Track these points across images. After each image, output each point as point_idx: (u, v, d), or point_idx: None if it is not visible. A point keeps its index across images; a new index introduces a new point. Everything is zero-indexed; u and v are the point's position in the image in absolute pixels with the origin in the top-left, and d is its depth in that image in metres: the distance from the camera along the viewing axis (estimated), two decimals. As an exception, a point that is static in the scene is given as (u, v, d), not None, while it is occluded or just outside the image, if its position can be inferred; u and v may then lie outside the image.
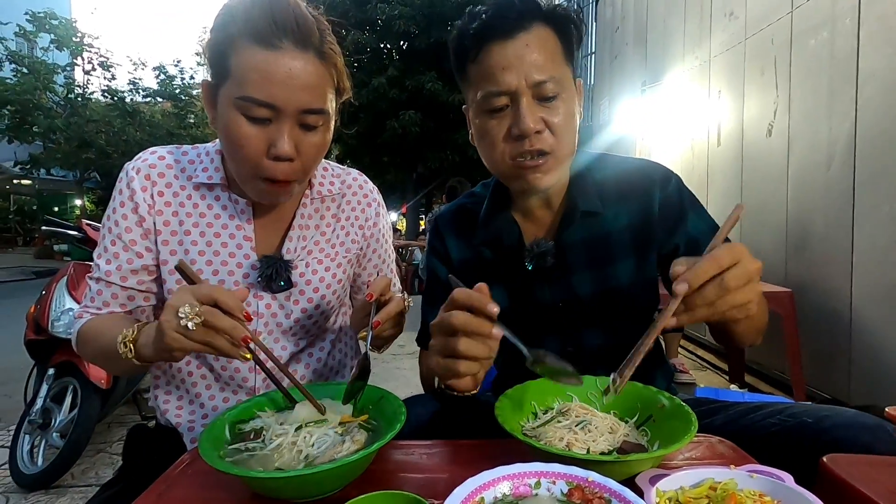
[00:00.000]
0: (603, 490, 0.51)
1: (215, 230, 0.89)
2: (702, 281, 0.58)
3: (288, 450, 0.61)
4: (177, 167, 0.90)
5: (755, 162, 3.19)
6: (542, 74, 0.80)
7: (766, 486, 0.54)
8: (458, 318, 0.65)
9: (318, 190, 0.96)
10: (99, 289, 0.88)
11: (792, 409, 0.77)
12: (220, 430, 0.65)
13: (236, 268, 0.89)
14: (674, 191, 0.92)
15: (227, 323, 0.63)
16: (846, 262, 2.39)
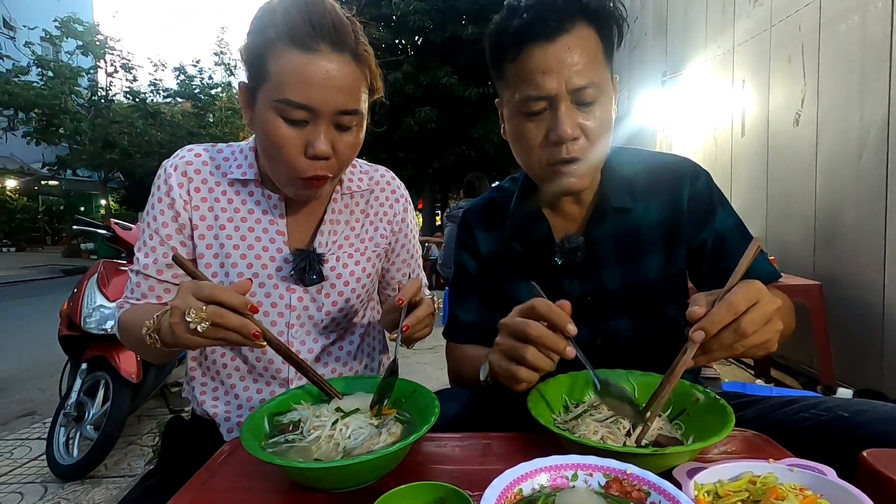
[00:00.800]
0: (642, 482, 0.51)
1: (249, 225, 0.92)
2: (718, 328, 0.59)
3: (326, 441, 0.62)
4: (212, 164, 0.92)
5: (782, 152, 3.12)
6: (583, 80, 0.78)
7: (808, 480, 0.54)
8: (535, 329, 0.66)
9: (348, 186, 0.98)
10: (138, 281, 0.92)
11: (826, 402, 0.76)
12: (259, 422, 0.66)
13: (269, 261, 0.91)
14: (703, 186, 0.92)
15: (235, 321, 0.64)
16: (878, 253, 2.32)
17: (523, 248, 0.97)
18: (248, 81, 0.82)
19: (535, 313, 0.67)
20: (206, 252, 0.91)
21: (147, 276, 0.91)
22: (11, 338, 5.33)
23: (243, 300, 0.65)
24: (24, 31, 13.97)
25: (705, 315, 0.60)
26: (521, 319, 0.67)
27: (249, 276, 0.90)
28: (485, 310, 1.01)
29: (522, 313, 0.68)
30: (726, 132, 3.84)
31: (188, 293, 0.64)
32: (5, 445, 2.74)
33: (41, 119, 13.36)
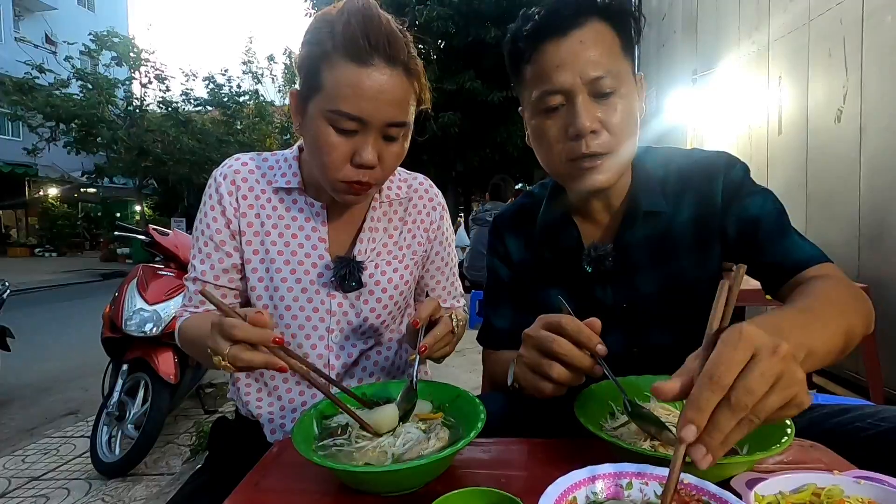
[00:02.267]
0: (701, 493, 0.50)
1: (292, 231, 0.94)
2: (707, 413, 0.43)
3: (376, 446, 0.62)
4: (258, 172, 0.95)
5: (822, 150, 3.01)
6: (598, 70, 0.77)
7: (878, 493, 0.51)
8: (562, 346, 0.65)
9: (387, 194, 1.00)
10: (196, 288, 0.94)
11: (883, 412, 0.73)
12: (309, 425, 0.67)
13: (311, 267, 0.93)
14: (737, 176, 0.86)
15: (259, 359, 0.64)
16: (930, 254, 2.21)
17: (553, 255, 0.95)
18: (301, 89, 0.85)
19: (563, 332, 0.65)
20: (252, 257, 0.93)
21: (204, 283, 0.93)
22: (56, 339, 5.56)
23: (263, 334, 0.64)
24: (65, 45, 14.63)
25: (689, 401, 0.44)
26: (547, 334, 0.66)
27: (293, 281, 0.93)
28: (519, 316, 0.99)
29: (549, 327, 0.66)
30: (762, 130, 3.73)
31: (216, 335, 0.65)
32: (52, 443, 2.86)
33: (80, 129, 13.94)
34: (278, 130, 18.62)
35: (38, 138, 13.90)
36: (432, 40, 12.69)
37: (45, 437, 2.95)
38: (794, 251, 0.80)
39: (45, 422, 3.25)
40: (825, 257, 0.81)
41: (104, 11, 21.26)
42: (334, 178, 0.83)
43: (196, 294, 0.94)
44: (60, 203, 18.99)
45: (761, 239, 0.82)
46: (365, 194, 0.87)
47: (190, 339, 0.90)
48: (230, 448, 0.97)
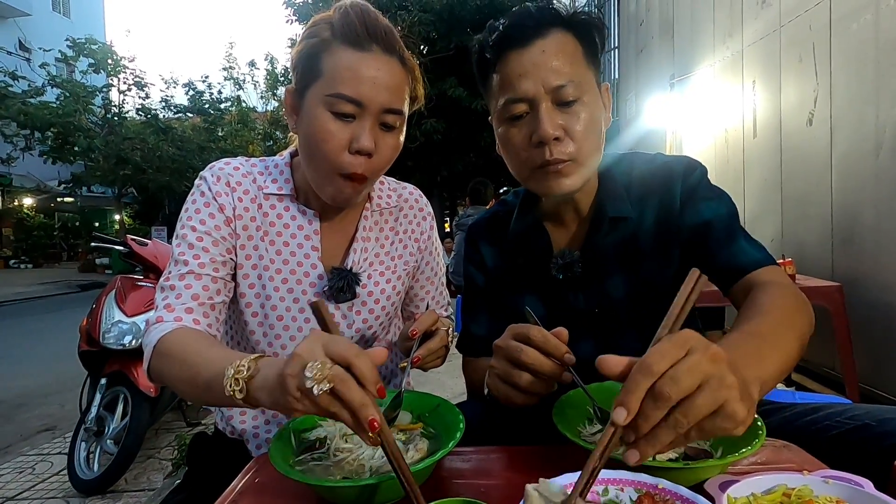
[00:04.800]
0: (674, 497, 0.51)
1: (284, 239, 0.92)
2: (636, 398, 0.45)
3: (354, 459, 0.62)
4: (249, 178, 0.93)
5: (795, 152, 3.09)
6: (561, 78, 0.79)
7: (846, 492, 0.53)
8: (530, 356, 0.65)
9: (378, 203, 0.99)
10: (188, 283, 0.82)
11: (852, 410, 0.75)
12: (287, 439, 0.67)
13: (304, 277, 0.92)
14: (694, 180, 0.89)
15: (357, 397, 0.51)
16: (900, 253, 2.28)
17: (526, 261, 0.97)
18: (298, 84, 0.85)
19: (531, 343, 0.66)
20: (245, 263, 0.91)
21: (200, 276, 0.83)
22: (31, 353, 5.41)
23: (374, 374, 0.53)
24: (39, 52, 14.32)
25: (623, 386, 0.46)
26: (516, 344, 0.66)
27: (285, 290, 0.91)
28: (496, 323, 1.00)
29: (518, 338, 0.67)
30: (737, 133, 3.81)
31: (318, 344, 0.53)
32: (27, 461, 2.78)
33: (56, 138, 13.64)
34: (261, 137, 18.43)
35: (13, 147, 13.55)
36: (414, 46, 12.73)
37: (21, 455, 2.86)
38: (741, 255, 0.83)
39: (21, 439, 3.16)
40: (770, 260, 0.83)
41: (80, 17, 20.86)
42: (330, 169, 0.82)
43: (188, 288, 0.82)
44: (36, 213, 18.49)
45: (711, 243, 0.85)
46: (359, 191, 0.86)
47: (184, 360, 0.73)
48: (210, 464, 0.95)
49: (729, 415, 0.45)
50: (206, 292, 0.83)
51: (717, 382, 0.45)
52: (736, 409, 0.45)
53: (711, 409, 0.45)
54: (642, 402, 0.45)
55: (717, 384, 0.45)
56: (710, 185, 0.90)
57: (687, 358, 0.45)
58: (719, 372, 0.46)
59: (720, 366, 0.46)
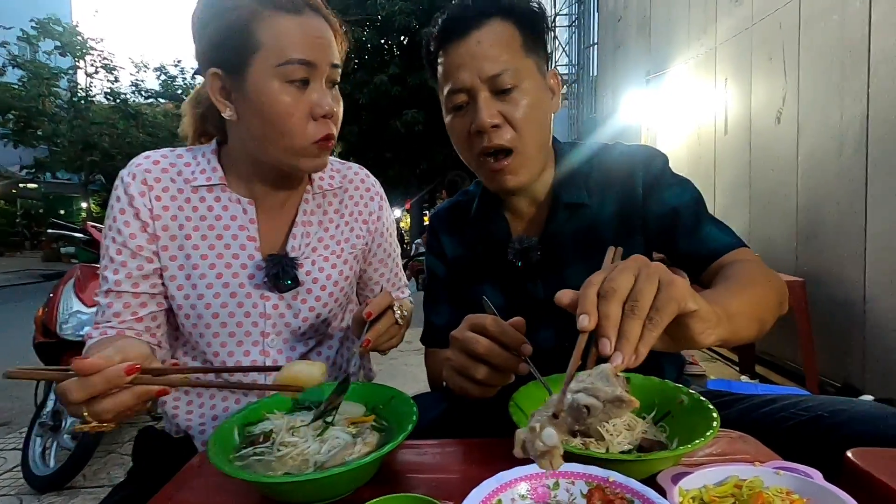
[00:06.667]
0: (625, 490, 0.49)
1: (217, 232, 0.88)
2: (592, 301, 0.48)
3: (298, 454, 0.59)
4: (173, 171, 0.88)
5: (764, 150, 3.15)
6: (496, 67, 0.80)
7: (795, 483, 0.52)
8: (486, 347, 0.64)
9: (319, 185, 0.95)
10: (109, 301, 0.84)
11: (807, 402, 0.76)
12: (228, 434, 0.63)
13: (241, 269, 0.88)
14: (657, 169, 0.89)
15: (124, 401, 0.58)
16: (859, 249, 2.35)
17: (486, 250, 0.96)
18: (228, 65, 0.79)
19: (487, 333, 0.65)
20: (170, 264, 0.86)
21: (120, 294, 0.84)
22: (-13, 345, 5.18)
23: (109, 378, 0.56)
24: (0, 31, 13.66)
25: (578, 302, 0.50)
26: (472, 335, 0.65)
27: (220, 286, 0.87)
28: (457, 313, 0.97)
29: (474, 328, 0.66)
30: (709, 131, 3.87)
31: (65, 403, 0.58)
32: (-21, 457, 2.66)
33: (18, 121, 13.06)
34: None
35: (-30, 130, 12.94)
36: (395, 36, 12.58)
37: (-28, 452, 2.74)
38: (710, 240, 0.83)
39: (-27, 435, 3.02)
40: (740, 243, 0.84)
41: (44, -4, 19.95)
42: (300, 143, 0.80)
43: (110, 307, 0.84)
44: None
45: (679, 230, 0.85)
46: (328, 152, 0.84)
47: None
48: (157, 460, 0.91)
49: (674, 295, 0.48)
50: (126, 309, 0.85)
51: (647, 270, 0.50)
52: (675, 283, 0.49)
53: (653, 288, 0.48)
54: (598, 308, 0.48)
55: (648, 270, 0.49)
56: (673, 173, 0.90)
57: (617, 266, 0.51)
58: (645, 262, 0.51)
59: (645, 259, 0.52)
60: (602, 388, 0.44)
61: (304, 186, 0.94)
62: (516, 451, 0.45)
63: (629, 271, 0.49)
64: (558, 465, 0.44)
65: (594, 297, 0.48)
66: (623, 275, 0.49)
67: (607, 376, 0.45)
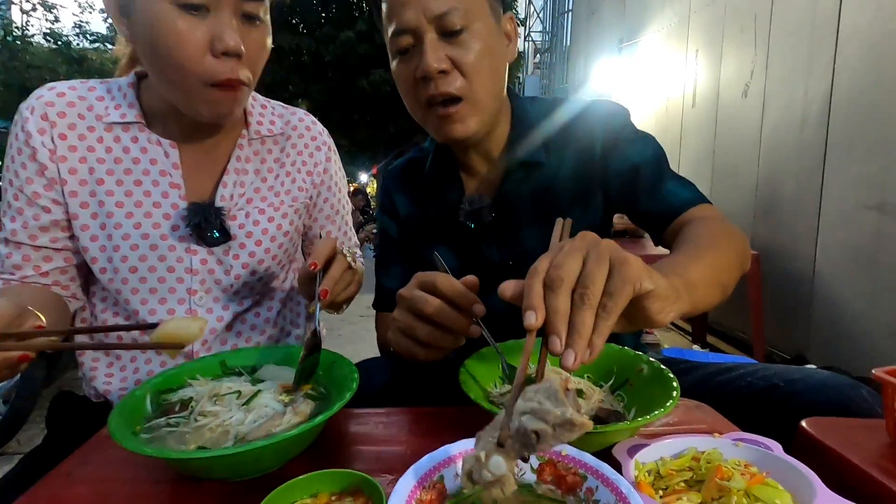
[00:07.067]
0: (578, 465, 0.45)
1: (135, 177, 0.77)
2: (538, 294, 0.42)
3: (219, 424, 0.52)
4: (81, 105, 0.76)
5: (729, 123, 3.17)
6: (443, 5, 0.72)
7: (754, 455, 0.50)
8: (434, 305, 0.58)
9: (257, 129, 0.85)
10: (8, 251, 0.76)
11: (763, 371, 0.76)
12: (139, 402, 0.56)
13: (163, 219, 0.78)
14: (617, 125, 0.84)
15: None
16: (812, 225, 2.41)
17: (439, 210, 0.90)
18: None
19: (437, 292, 0.59)
20: (81, 212, 0.76)
21: (19, 244, 0.76)
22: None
23: None
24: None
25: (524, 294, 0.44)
26: (420, 294, 0.59)
27: (138, 237, 0.77)
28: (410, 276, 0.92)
29: (423, 287, 0.60)
30: (678, 102, 3.87)
31: None
32: None
33: (-58, 60, 11.86)
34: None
35: None
36: (363, -10, 11.95)
37: None
38: (671, 197, 0.79)
39: None
40: (703, 199, 0.80)
41: (-30, -81, 17.86)
42: (196, 79, 0.68)
43: (9, 257, 0.76)
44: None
45: (640, 187, 0.80)
46: (237, 101, 0.72)
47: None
48: (74, 426, 0.82)
49: (628, 277, 0.42)
50: (27, 263, 0.76)
51: (596, 251, 0.44)
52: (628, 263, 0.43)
53: (604, 271, 0.42)
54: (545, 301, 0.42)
55: (597, 251, 0.44)
56: (635, 129, 0.85)
57: (564, 248, 0.45)
58: (594, 241, 0.45)
59: (594, 238, 0.46)
60: (550, 408, 0.37)
61: (238, 130, 0.84)
62: (463, 482, 0.39)
63: (576, 253, 0.43)
64: (511, 492, 0.38)
65: (540, 288, 0.42)
66: (569, 259, 0.43)
67: (555, 393, 0.38)
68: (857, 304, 2.17)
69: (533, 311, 0.41)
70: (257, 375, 0.64)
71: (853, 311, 2.19)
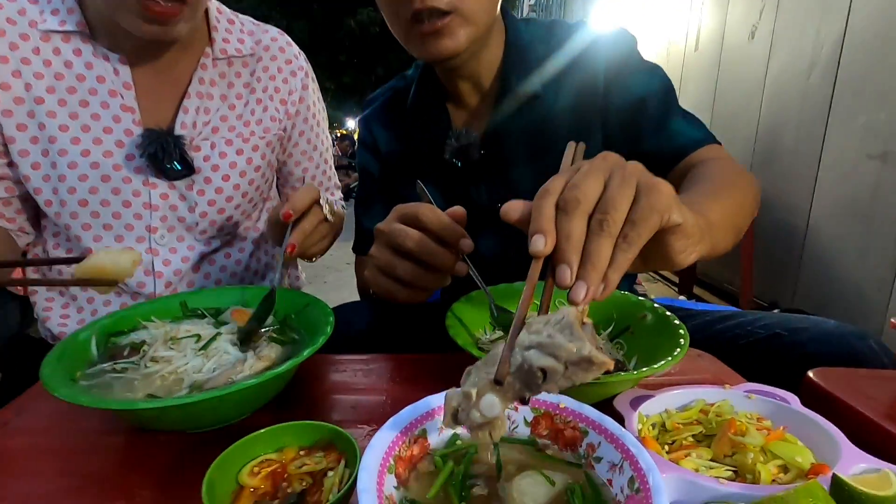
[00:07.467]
0: (577, 418, 0.40)
1: (81, 97, 0.67)
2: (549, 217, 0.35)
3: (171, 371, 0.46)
4: (11, 7, 0.65)
5: (733, 68, 3.03)
6: None
7: (768, 408, 0.45)
8: (415, 240, 0.51)
9: (223, 48, 0.75)
10: None
11: (763, 319, 0.73)
12: (82, 344, 0.49)
13: (115, 147, 0.69)
14: (622, 53, 0.75)
15: None
16: (810, 177, 2.36)
17: (424, 146, 0.81)
18: None
19: (420, 224, 0.52)
20: (18, 135, 0.66)
21: None
22: None
23: None
24: None
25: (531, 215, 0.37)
26: (400, 227, 0.52)
27: (87, 166, 0.68)
28: None
29: (404, 219, 0.53)
30: (679, 46, 3.69)
31: None
32: None
33: None
34: None
35: None
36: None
37: None
38: (678, 136, 0.72)
39: None
40: (712, 139, 0.73)
41: None
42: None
43: None
44: None
45: (644, 124, 0.73)
46: (174, 20, 0.62)
47: None
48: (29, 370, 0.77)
49: (656, 205, 0.35)
50: None
51: (621, 172, 0.37)
52: (658, 189, 0.36)
53: (629, 196, 0.36)
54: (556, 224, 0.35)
55: (622, 173, 0.37)
56: (642, 58, 0.76)
57: (582, 167, 0.38)
58: (618, 162, 0.39)
59: (618, 158, 0.39)
60: (563, 343, 0.30)
61: (200, 48, 0.73)
62: (446, 421, 0.33)
63: (597, 173, 0.37)
64: (499, 437, 0.32)
65: (551, 210, 0.36)
66: (589, 179, 0.36)
67: (570, 326, 0.31)
68: (848, 257, 2.16)
69: (541, 235, 0.35)
70: (222, 318, 0.57)
71: (844, 264, 2.18)
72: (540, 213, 0.36)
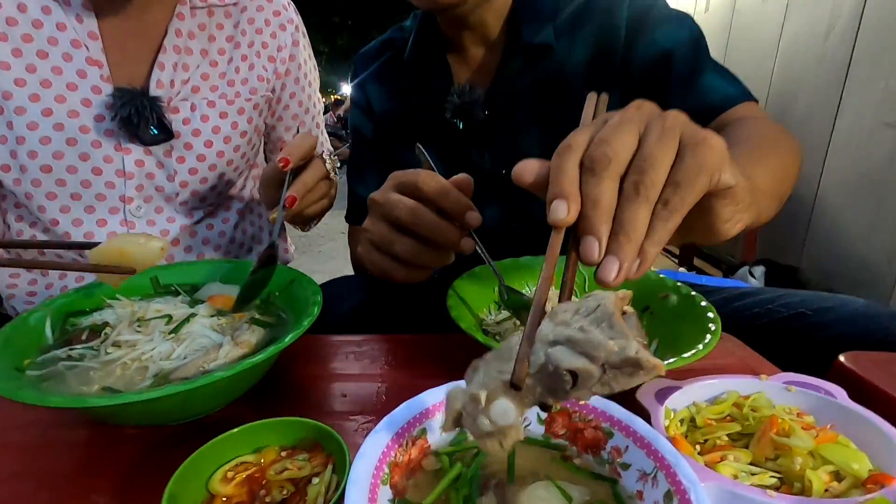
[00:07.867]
0: (600, 417, 0.35)
1: (38, 46, 0.59)
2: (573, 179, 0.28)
3: (135, 358, 0.40)
4: None
5: (744, 32, 2.90)
6: None
7: (809, 402, 0.40)
8: (417, 214, 0.44)
9: None
10: None
11: (787, 297, 0.68)
12: (35, 327, 0.43)
13: (82, 106, 0.61)
14: (647, 2, 0.67)
15: None
16: (822, 144, 2.28)
17: (422, 105, 0.73)
18: None
19: (420, 193, 0.45)
20: None
21: None
22: None
23: None
24: None
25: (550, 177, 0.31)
26: (398, 198, 0.45)
27: (49, 127, 0.60)
28: None
29: (403, 188, 0.46)
30: (689, 7, 3.53)
31: None
32: None
33: None
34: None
35: None
36: None
37: None
38: (710, 92, 0.64)
39: None
40: (749, 95, 0.65)
41: None
42: None
43: None
44: None
45: (671, 79, 0.65)
46: None
47: None
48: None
49: (705, 163, 0.28)
50: None
51: (660, 123, 0.29)
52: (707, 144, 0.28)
53: (670, 152, 0.28)
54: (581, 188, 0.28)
55: (662, 124, 0.29)
56: (668, 6, 0.68)
57: (611, 119, 0.30)
58: (655, 111, 0.31)
59: (654, 107, 0.31)
60: (601, 340, 0.23)
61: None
62: (446, 425, 0.27)
63: (630, 126, 0.29)
64: (511, 447, 0.26)
65: (575, 170, 0.29)
66: (621, 132, 0.29)
67: (609, 317, 0.24)
68: (856, 229, 2.10)
69: (563, 201, 0.28)
70: (198, 296, 0.52)
71: (852, 236, 2.13)
72: (561, 173, 0.29)
